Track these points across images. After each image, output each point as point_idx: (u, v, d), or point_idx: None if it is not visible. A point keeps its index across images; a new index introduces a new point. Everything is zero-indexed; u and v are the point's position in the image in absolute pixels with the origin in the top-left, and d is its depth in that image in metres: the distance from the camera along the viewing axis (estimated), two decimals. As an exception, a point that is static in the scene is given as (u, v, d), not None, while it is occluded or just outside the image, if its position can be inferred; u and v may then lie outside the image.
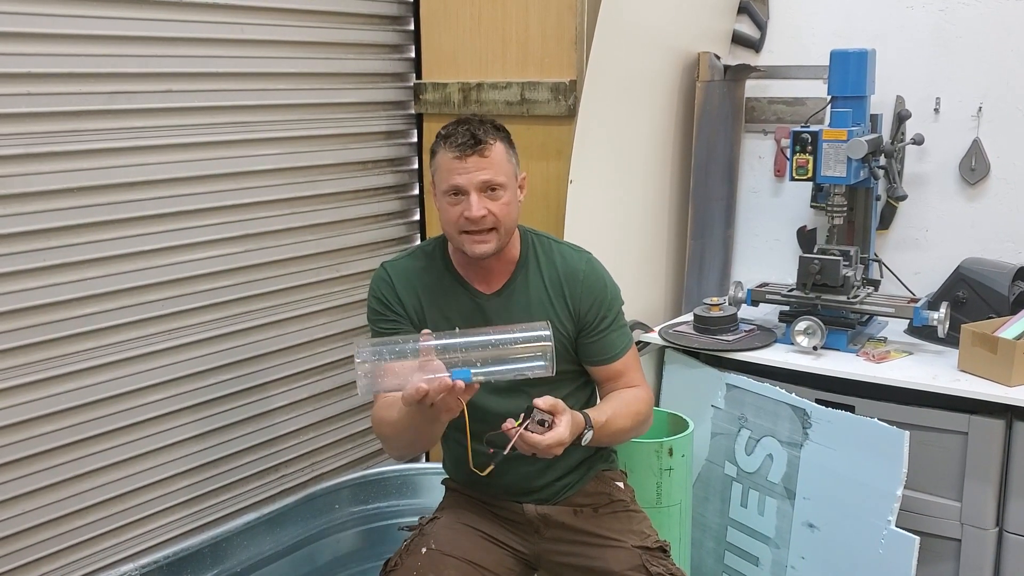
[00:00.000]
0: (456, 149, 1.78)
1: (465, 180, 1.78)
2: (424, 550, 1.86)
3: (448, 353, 1.58)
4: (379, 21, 2.75)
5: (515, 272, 1.92)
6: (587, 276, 1.92)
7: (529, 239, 1.95)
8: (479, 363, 1.59)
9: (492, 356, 1.59)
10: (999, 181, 2.60)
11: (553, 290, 1.91)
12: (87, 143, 2.08)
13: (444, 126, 1.85)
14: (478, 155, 1.78)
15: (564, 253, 1.95)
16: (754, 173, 2.99)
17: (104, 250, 2.14)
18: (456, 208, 1.80)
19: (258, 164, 2.44)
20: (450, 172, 1.79)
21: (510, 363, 1.60)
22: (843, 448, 2.22)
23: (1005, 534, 2.18)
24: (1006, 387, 2.14)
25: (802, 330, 2.41)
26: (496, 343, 1.61)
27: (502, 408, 1.77)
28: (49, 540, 2.11)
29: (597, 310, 1.91)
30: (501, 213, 1.81)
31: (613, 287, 1.96)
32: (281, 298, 2.55)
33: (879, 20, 2.70)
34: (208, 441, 2.42)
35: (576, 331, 1.91)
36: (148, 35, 2.16)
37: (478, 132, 1.79)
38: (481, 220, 1.78)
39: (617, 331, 1.94)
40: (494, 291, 1.91)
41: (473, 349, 1.59)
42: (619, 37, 2.41)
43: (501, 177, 1.81)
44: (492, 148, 1.80)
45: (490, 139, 1.80)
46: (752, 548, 2.42)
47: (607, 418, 1.79)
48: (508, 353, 1.60)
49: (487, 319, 1.89)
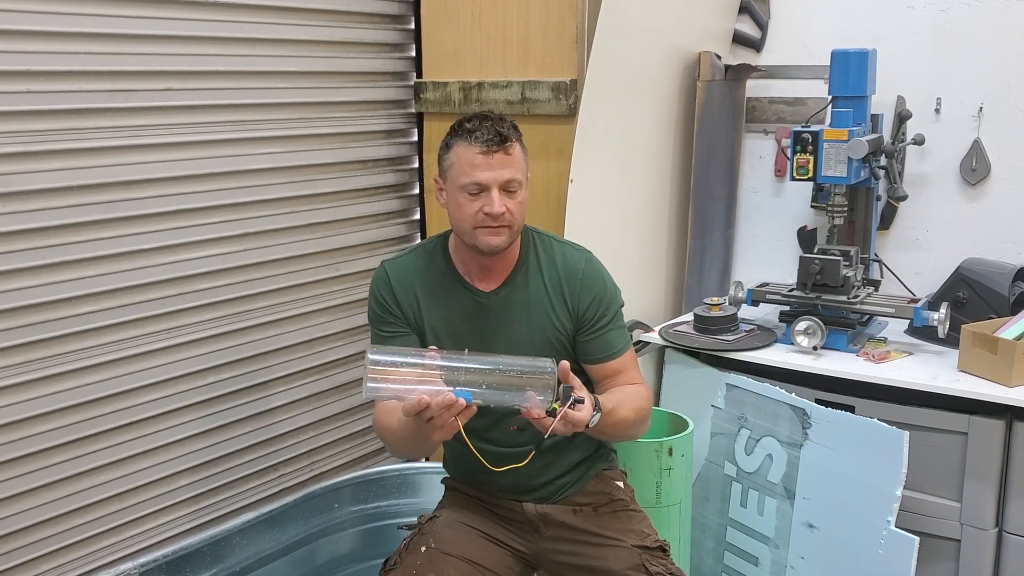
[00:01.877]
0: (482, 144, 1.77)
1: (490, 177, 1.78)
2: (423, 549, 1.86)
3: (454, 373, 1.59)
4: (380, 20, 2.75)
5: (515, 270, 1.92)
6: (587, 275, 1.92)
7: (530, 237, 1.95)
8: (483, 386, 1.60)
9: (496, 382, 1.61)
10: (1000, 181, 2.60)
11: (552, 288, 1.91)
12: (86, 141, 2.07)
13: (461, 120, 1.83)
14: (503, 152, 1.78)
15: (565, 252, 1.95)
16: (755, 173, 2.99)
17: (103, 248, 2.13)
18: (475, 203, 1.79)
19: (258, 163, 2.44)
20: (473, 167, 1.78)
21: (512, 392, 1.61)
22: (843, 448, 2.22)
23: (1005, 535, 2.18)
24: (1006, 387, 2.13)
25: (802, 330, 2.41)
26: (503, 370, 1.62)
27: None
28: (48, 539, 2.11)
29: (596, 308, 1.91)
30: (517, 211, 1.82)
31: (613, 286, 1.96)
32: (280, 297, 2.54)
33: (880, 20, 2.70)
34: (207, 440, 2.41)
35: (575, 329, 1.91)
36: (148, 33, 2.16)
37: (503, 129, 1.79)
38: (501, 216, 1.78)
39: (616, 330, 1.94)
40: (493, 289, 1.91)
41: (478, 373, 1.60)
42: (620, 36, 2.41)
43: (520, 175, 1.82)
44: (515, 146, 1.81)
45: (513, 138, 1.80)
46: (752, 548, 2.42)
47: (613, 405, 1.78)
48: (511, 382, 1.61)
49: (487, 317, 1.89)
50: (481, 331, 1.89)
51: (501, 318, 1.89)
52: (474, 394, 1.58)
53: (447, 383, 1.58)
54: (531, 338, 1.89)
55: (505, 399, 1.61)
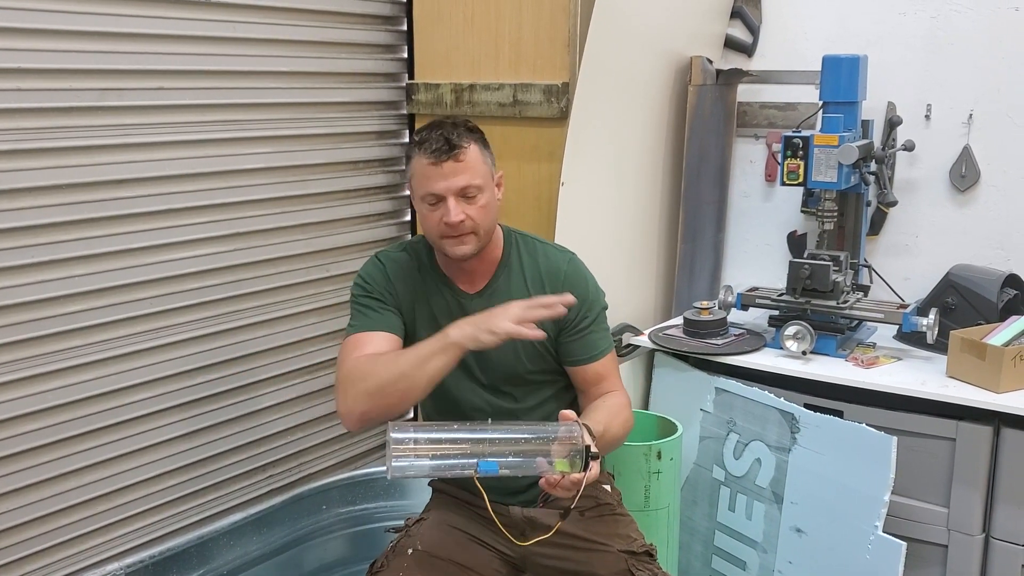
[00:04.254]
0: (431, 155, 1.76)
1: (442, 187, 1.77)
2: (410, 551, 1.86)
3: (479, 445, 1.57)
4: (372, 21, 2.74)
5: (497, 272, 1.92)
6: (569, 275, 1.92)
7: (512, 239, 1.95)
8: (510, 455, 1.57)
9: (522, 451, 1.59)
10: (989, 188, 2.61)
11: (535, 289, 1.91)
12: (76, 140, 2.07)
13: (417, 131, 1.84)
14: (453, 160, 1.77)
15: (548, 253, 1.95)
16: (745, 177, 2.99)
17: (92, 247, 2.12)
18: (435, 214, 1.80)
19: (249, 163, 2.43)
20: (426, 179, 1.78)
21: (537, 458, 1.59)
22: (831, 453, 2.22)
23: (991, 540, 2.19)
24: (994, 393, 2.14)
25: (791, 335, 2.42)
26: (528, 439, 1.60)
27: (484, 406, 1.86)
28: (33, 539, 2.10)
29: (578, 309, 1.90)
30: (479, 216, 1.80)
31: (595, 288, 1.96)
32: (270, 297, 2.54)
33: (871, 26, 2.71)
34: (195, 440, 2.40)
35: (557, 330, 1.91)
36: (140, 32, 2.15)
37: (452, 136, 1.77)
38: (460, 225, 1.78)
39: (599, 332, 1.94)
40: (477, 291, 1.91)
41: (504, 444, 1.58)
42: (612, 40, 2.41)
43: (477, 180, 1.79)
44: (467, 152, 1.78)
45: (464, 143, 1.78)
46: (739, 552, 2.42)
47: (604, 428, 1.79)
48: (538, 450, 1.59)
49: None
50: None
51: None
52: (500, 464, 1.56)
53: (472, 455, 1.56)
54: (513, 341, 1.88)
55: (531, 468, 1.59)
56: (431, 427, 1.65)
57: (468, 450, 1.56)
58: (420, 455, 1.55)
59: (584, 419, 1.81)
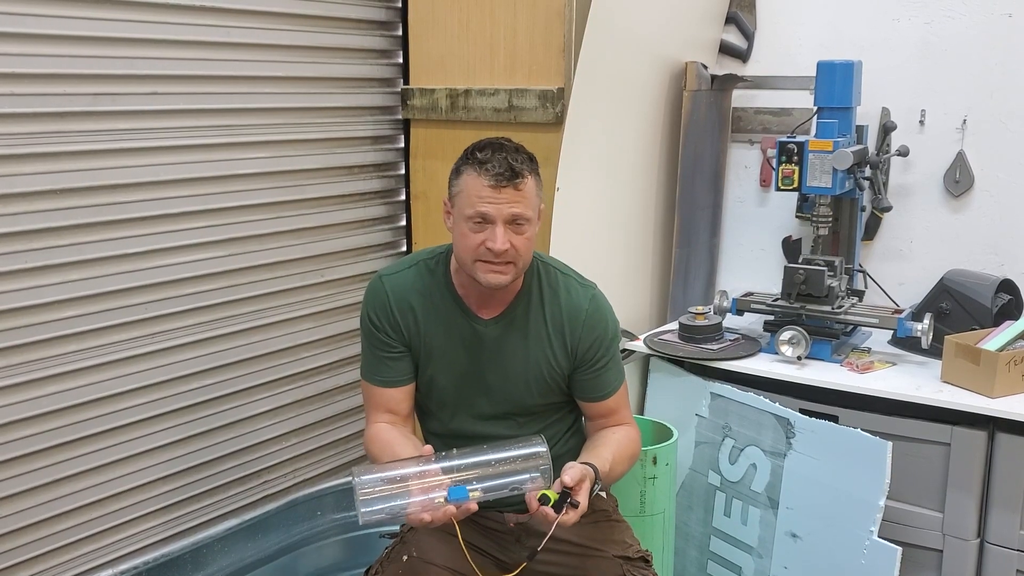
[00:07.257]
0: (492, 178, 1.71)
1: (495, 211, 1.72)
2: (405, 558, 1.85)
3: (446, 474, 1.60)
4: (367, 26, 2.75)
5: (516, 301, 1.88)
6: (590, 315, 1.89)
7: (535, 267, 1.90)
8: (476, 481, 1.60)
9: (490, 474, 1.62)
10: (983, 193, 2.62)
11: (553, 326, 1.87)
12: (71, 145, 2.07)
13: (476, 145, 1.76)
14: (513, 187, 1.72)
15: (570, 287, 1.91)
16: (740, 183, 3.00)
17: (87, 252, 2.12)
18: (478, 236, 1.74)
19: (244, 167, 2.43)
20: (479, 199, 1.72)
21: (507, 477, 1.62)
22: (826, 458, 2.22)
23: (986, 545, 2.19)
24: (988, 398, 2.14)
25: (786, 340, 2.42)
26: (495, 462, 1.62)
27: (488, 431, 1.85)
28: (26, 545, 2.09)
29: (596, 350, 1.88)
30: (523, 248, 1.76)
31: (614, 325, 1.94)
32: (265, 302, 2.53)
33: (866, 32, 2.71)
34: (190, 446, 2.40)
35: (572, 368, 1.89)
36: (134, 37, 2.15)
37: (515, 163, 1.72)
38: (503, 254, 1.74)
39: (613, 369, 1.92)
40: (492, 318, 1.88)
41: (472, 468, 1.61)
42: (607, 45, 2.41)
43: (530, 212, 1.76)
44: (526, 183, 1.74)
45: (526, 172, 1.74)
46: (735, 557, 2.42)
47: (610, 466, 1.79)
48: (506, 470, 1.62)
49: (482, 346, 1.87)
50: (476, 359, 1.87)
51: (497, 349, 1.87)
52: (470, 490, 1.59)
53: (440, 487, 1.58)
54: (525, 374, 1.87)
55: (502, 487, 1.62)
56: (393, 466, 1.64)
57: (437, 483, 1.59)
58: (389, 495, 1.58)
59: (590, 456, 1.81)
